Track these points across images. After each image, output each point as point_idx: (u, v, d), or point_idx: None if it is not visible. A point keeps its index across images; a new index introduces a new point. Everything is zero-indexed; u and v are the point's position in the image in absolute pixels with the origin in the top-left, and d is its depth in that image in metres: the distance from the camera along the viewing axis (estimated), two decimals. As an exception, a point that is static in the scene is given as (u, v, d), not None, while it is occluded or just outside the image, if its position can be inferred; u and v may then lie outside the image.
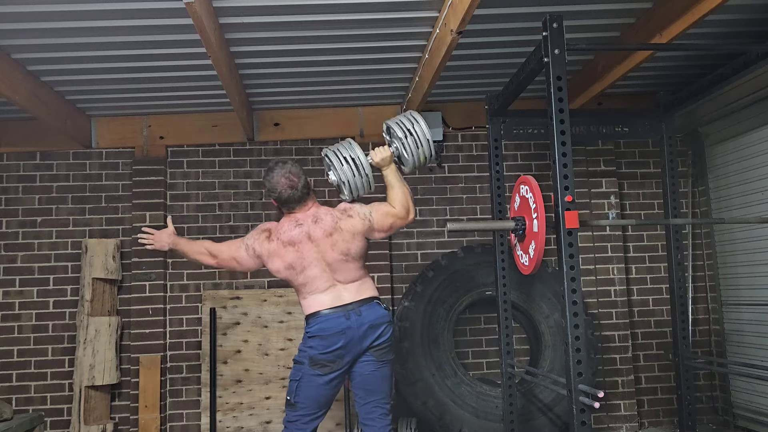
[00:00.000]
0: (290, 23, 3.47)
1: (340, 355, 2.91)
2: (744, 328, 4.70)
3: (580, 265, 2.69)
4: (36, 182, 4.87)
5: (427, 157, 3.10)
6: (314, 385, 2.91)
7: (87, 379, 4.48)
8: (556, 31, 2.78)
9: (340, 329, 2.89)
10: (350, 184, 3.06)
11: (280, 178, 2.97)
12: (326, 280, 2.97)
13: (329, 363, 2.91)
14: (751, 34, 3.96)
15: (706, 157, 5.06)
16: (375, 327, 2.95)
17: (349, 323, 2.90)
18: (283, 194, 2.97)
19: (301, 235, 2.96)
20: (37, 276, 4.78)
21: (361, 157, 3.05)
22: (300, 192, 2.99)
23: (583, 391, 2.58)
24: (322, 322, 2.92)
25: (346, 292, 2.98)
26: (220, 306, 4.77)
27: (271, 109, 4.97)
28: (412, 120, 3.08)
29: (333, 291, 2.97)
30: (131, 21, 3.32)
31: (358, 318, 2.92)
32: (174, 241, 3.17)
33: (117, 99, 4.57)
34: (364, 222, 3.00)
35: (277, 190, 2.97)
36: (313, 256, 2.95)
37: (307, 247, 2.95)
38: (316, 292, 2.97)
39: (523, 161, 5.08)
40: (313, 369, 2.90)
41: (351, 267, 3.00)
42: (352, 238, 2.97)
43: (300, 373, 2.93)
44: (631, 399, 4.84)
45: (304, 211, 3.03)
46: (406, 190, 3.10)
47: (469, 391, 4.25)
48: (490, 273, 4.35)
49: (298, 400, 2.92)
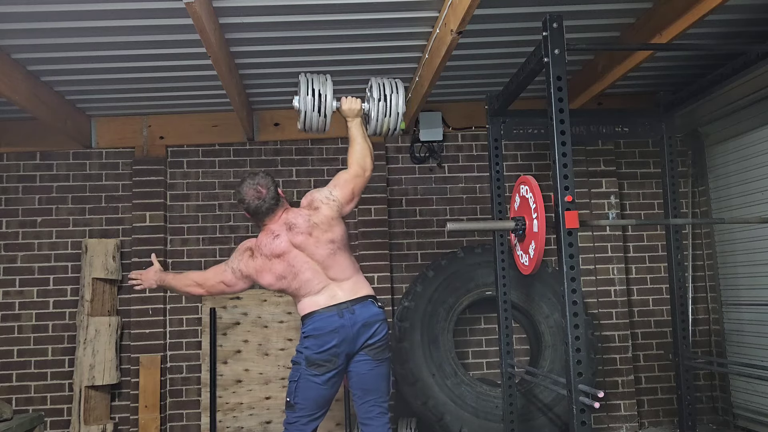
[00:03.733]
0: (290, 23, 3.47)
1: (335, 354, 2.92)
2: (744, 328, 4.70)
3: (580, 265, 2.69)
4: (36, 182, 4.87)
5: (391, 129, 3.15)
6: (312, 386, 2.92)
7: (87, 379, 4.48)
8: (556, 31, 2.78)
9: (333, 327, 2.90)
10: (306, 117, 3.08)
11: (249, 189, 3.03)
12: (320, 280, 2.98)
13: (325, 362, 2.92)
14: (751, 34, 3.96)
15: (706, 157, 5.06)
16: (368, 325, 2.96)
17: (342, 321, 2.91)
18: (251, 205, 3.02)
19: (282, 245, 2.98)
20: (37, 276, 4.78)
21: (329, 95, 3.07)
22: (268, 203, 3.01)
23: (583, 391, 2.58)
24: (316, 321, 2.93)
25: (340, 291, 2.99)
26: (220, 306, 4.77)
27: (271, 109, 4.97)
28: (393, 88, 3.12)
29: (327, 290, 2.98)
30: (131, 21, 3.32)
31: (351, 316, 2.93)
32: (160, 278, 3.25)
33: (117, 99, 4.57)
34: (331, 206, 3.04)
35: (245, 201, 3.03)
36: (302, 260, 2.97)
37: (293, 254, 2.97)
38: (310, 293, 2.99)
39: (523, 161, 5.08)
40: (309, 369, 2.91)
41: (341, 260, 3.01)
42: (329, 227, 3.00)
43: (298, 374, 2.94)
44: (631, 399, 4.84)
45: (276, 221, 3.04)
46: (367, 146, 3.13)
47: (469, 391, 4.25)
48: (490, 273, 4.35)
49: (297, 401, 2.93)
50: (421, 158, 5.03)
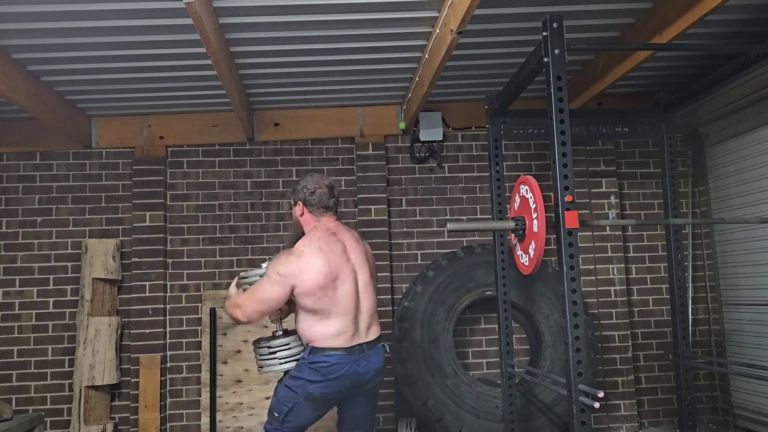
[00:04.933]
0: (290, 23, 3.47)
1: (337, 398, 2.86)
2: (744, 328, 4.70)
3: (580, 265, 2.69)
4: (36, 182, 4.87)
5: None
6: (305, 414, 2.84)
7: (87, 379, 4.48)
8: (556, 31, 2.78)
9: (348, 373, 2.78)
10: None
11: (318, 180, 2.98)
12: (353, 302, 2.84)
13: (327, 402, 2.85)
14: (751, 34, 3.96)
15: (706, 157, 5.06)
16: (378, 373, 2.91)
17: (357, 369, 2.81)
18: (320, 194, 2.92)
19: (343, 244, 2.88)
20: (37, 276, 4.78)
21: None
22: (336, 198, 2.99)
23: (583, 391, 2.58)
24: (333, 362, 2.76)
25: (363, 324, 2.87)
26: (220, 306, 4.77)
27: (271, 109, 4.97)
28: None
29: (353, 320, 2.83)
30: (131, 21, 3.32)
31: (366, 364, 2.83)
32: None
33: (117, 99, 4.57)
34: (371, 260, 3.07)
35: (319, 185, 2.95)
36: (350, 269, 2.86)
37: (346, 257, 2.87)
38: (339, 314, 2.79)
39: (523, 161, 5.08)
40: (307, 402, 2.80)
41: (372, 290, 2.96)
42: (372, 269, 3.02)
43: (293, 402, 2.80)
44: (631, 399, 4.84)
45: (334, 221, 2.97)
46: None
47: (469, 391, 4.24)
48: (490, 273, 4.35)
49: (287, 420, 2.82)
50: (421, 158, 5.03)
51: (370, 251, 3.08)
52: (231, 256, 4.89)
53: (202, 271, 4.85)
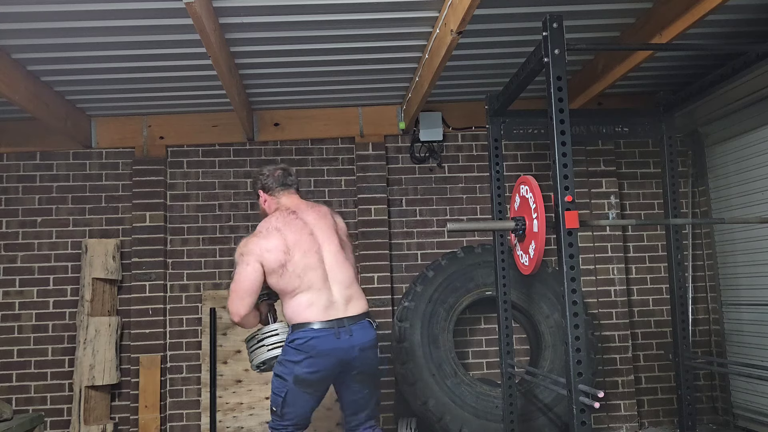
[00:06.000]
0: (290, 23, 3.47)
1: (326, 377, 2.83)
2: (744, 328, 4.70)
3: (580, 265, 2.69)
4: (36, 182, 4.87)
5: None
6: (301, 401, 2.83)
7: (87, 379, 4.48)
8: (556, 31, 2.78)
9: (328, 349, 2.77)
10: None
11: (274, 166, 3.19)
12: (322, 274, 2.89)
13: (315, 383, 2.82)
14: (751, 34, 3.96)
15: (706, 157, 5.06)
16: (365, 349, 2.86)
17: (338, 343, 2.79)
18: (276, 176, 3.11)
19: (300, 216, 2.98)
20: (37, 276, 4.78)
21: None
22: (294, 178, 3.14)
23: (583, 391, 2.58)
24: (311, 338, 2.77)
25: (340, 297, 2.87)
26: (220, 306, 4.77)
27: (271, 109, 4.97)
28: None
29: (326, 292, 2.86)
30: (131, 21, 3.32)
31: (348, 338, 2.81)
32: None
33: (117, 99, 4.57)
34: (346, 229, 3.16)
35: (271, 169, 3.15)
36: (313, 241, 2.92)
37: (308, 229, 2.95)
38: (309, 289, 2.84)
39: (523, 161, 5.08)
40: (297, 387, 2.80)
41: (346, 262, 3.00)
42: (344, 239, 3.07)
43: (285, 389, 2.81)
44: (631, 399, 4.84)
45: (294, 200, 3.10)
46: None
47: (469, 391, 4.24)
48: (490, 273, 4.35)
49: (285, 411, 2.83)
50: (421, 158, 5.03)
51: (343, 225, 3.15)
52: (231, 256, 4.88)
53: (202, 271, 4.86)
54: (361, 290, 3.03)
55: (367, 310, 2.99)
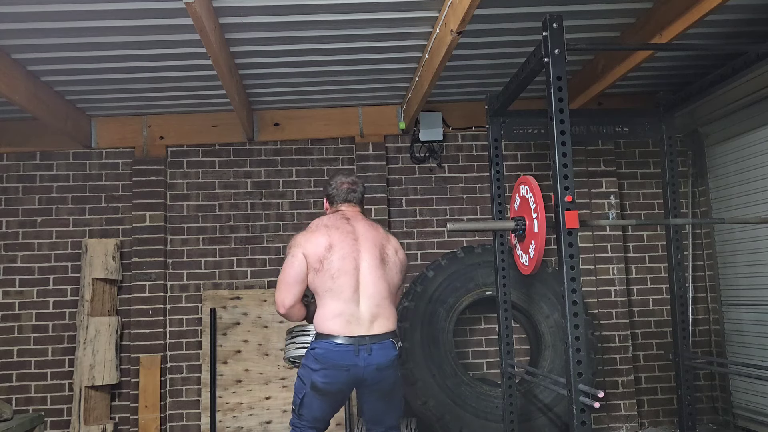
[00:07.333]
0: (290, 23, 3.47)
1: (342, 390, 2.86)
2: (744, 328, 4.70)
3: (580, 265, 2.69)
4: (36, 182, 4.87)
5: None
6: (316, 406, 2.86)
7: (87, 379, 4.48)
8: (556, 31, 2.78)
9: (345, 365, 2.78)
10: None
11: (343, 177, 3.18)
12: (354, 285, 2.86)
13: (331, 394, 2.84)
14: (751, 34, 3.96)
15: (706, 157, 5.06)
16: (382, 369, 2.85)
17: (356, 360, 2.79)
18: (341, 189, 3.12)
19: (351, 226, 2.99)
20: (37, 276, 4.78)
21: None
22: (359, 191, 3.16)
23: (583, 391, 2.58)
24: (330, 351, 2.79)
25: (366, 313, 2.85)
26: (220, 306, 4.77)
27: (271, 109, 4.97)
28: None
29: (353, 305, 2.84)
30: (131, 21, 3.32)
31: (367, 357, 2.80)
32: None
33: (117, 99, 4.57)
34: (403, 263, 3.11)
35: (340, 179, 3.15)
36: (355, 250, 2.91)
37: (352, 238, 2.94)
38: (339, 296, 2.84)
39: (523, 161, 5.08)
40: (313, 393, 2.83)
41: (384, 286, 2.94)
42: (395, 269, 3.02)
43: (303, 392, 2.86)
44: (631, 399, 4.84)
45: (353, 212, 3.11)
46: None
47: (469, 391, 4.25)
48: (490, 273, 4.35)
49: (302, 412, 2.88)
50: (421, 158, 5.03)
51: (397, 246, 3.09)
52: (231, 256, 4.90)
53: (202, 271, 4.86)
54: (392, 309, 2.97)
55: (393, 329, 2.95)
